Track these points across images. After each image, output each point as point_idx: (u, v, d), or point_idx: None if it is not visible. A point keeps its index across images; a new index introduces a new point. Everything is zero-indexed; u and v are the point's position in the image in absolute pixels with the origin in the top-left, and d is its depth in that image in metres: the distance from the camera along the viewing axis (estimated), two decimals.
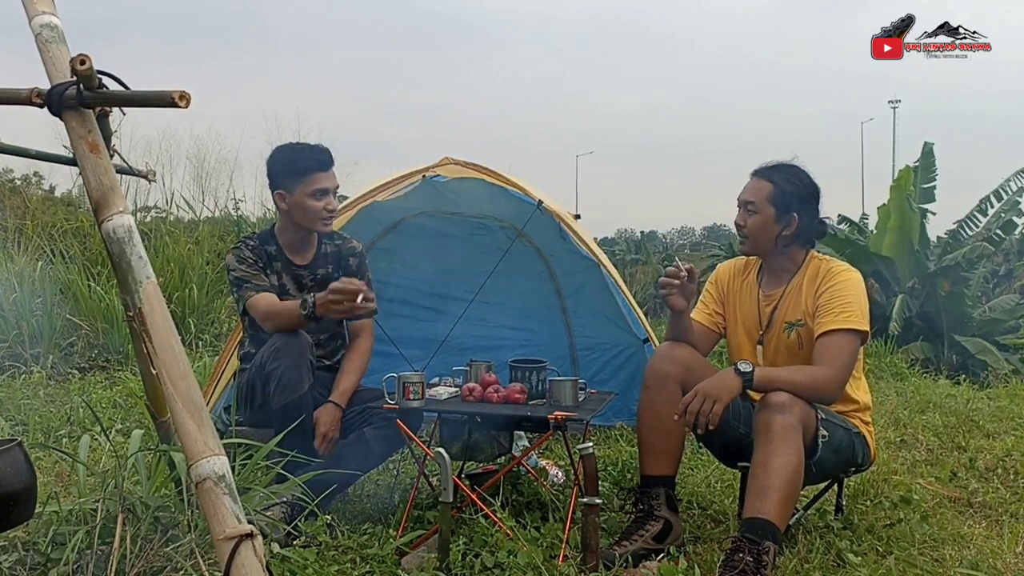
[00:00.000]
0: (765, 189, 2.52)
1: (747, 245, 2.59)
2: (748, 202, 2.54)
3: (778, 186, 2.52)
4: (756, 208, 2.52)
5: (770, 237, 2.53)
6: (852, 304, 2.39)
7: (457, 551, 2.17)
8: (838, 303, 2.40)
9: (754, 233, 2.54)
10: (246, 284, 2.71)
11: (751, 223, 2.53)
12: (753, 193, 2.54)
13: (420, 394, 2.53)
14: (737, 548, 2.06)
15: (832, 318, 2.38)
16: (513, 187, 3.60)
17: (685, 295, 2.49)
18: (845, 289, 2.42)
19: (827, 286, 2.45)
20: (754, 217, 2.52)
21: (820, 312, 2.43)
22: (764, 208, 2.51)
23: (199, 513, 1.97)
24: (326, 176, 2.76)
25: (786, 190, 2.51)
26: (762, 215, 2.51)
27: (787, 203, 2.50)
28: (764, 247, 2.56)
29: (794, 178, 2.54)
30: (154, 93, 1.56)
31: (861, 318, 2.38)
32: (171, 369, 1.48)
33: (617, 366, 4.19)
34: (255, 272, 2.75)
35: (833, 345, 2.35)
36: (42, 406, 4.32)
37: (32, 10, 1.64)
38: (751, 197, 2.54)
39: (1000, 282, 11.74)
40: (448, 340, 4.07)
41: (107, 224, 1.56)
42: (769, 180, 2.53)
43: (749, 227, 2.54)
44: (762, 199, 2.52)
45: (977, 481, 3.25)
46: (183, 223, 8.59)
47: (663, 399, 2.43)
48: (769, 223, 2.51)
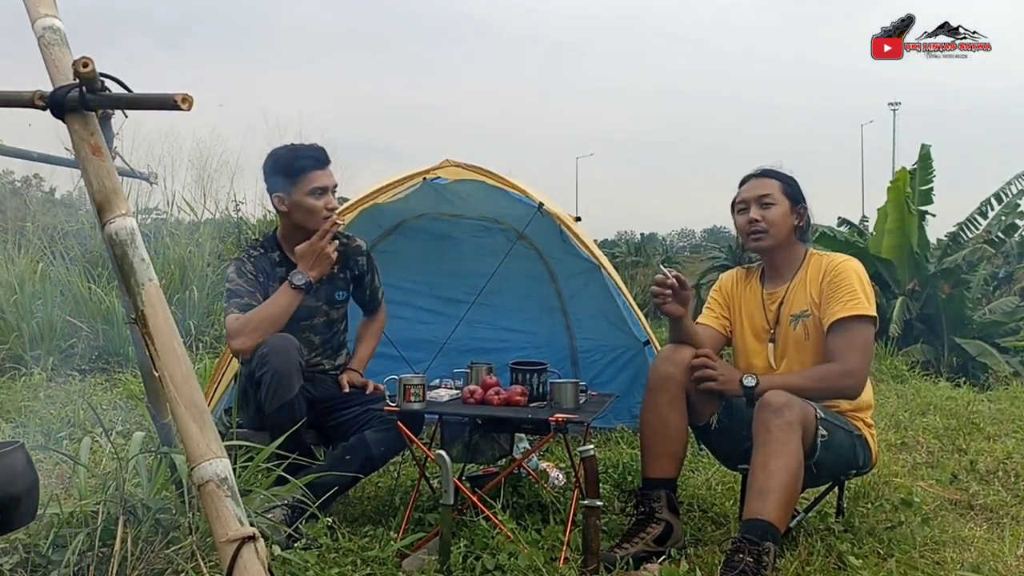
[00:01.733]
0: (775, 184, 2.59)
1: (766, 239, 2.56)
2: (764, 195, 2.56)
3: (784, 181, 2.60)
4: (774, 200, 2.56)
5: (788, 228, 2.57)
6: (858, 291, 2.42)
7: (458, 553, 2.17)
8: (844, 291, 2.43)
9: (775, 224, 2.55)
10: (235, 299, 2.69)
11: (770, 215, 2.55)
12: (766, 187, 2.58)
13: (421, 396, 2.53)
14: (737, 549, 2.06)
15: (841, 307, 2.41)
16: (514, 189, 3.60)
17: (681, 302, 2.49)
18: (848, 277, 2.45)
19: (830, 276, 2.48)
20: (773, 209, 2.55)
21: (826, 301, 2.45)
22: (781, 200, 2.56)
23: (200, 515, 1.97)
24: (323, 174, 2.75)
25: (792, 184, 2.60)
26: (780, 206, 2.56)
27: (797, 196, 2.58)
28: (782, 240, 2.58)
29: (790, 177, 2.63)
30: (156, 96, 1.56)
31: (868, 304, 2.41)
32: (173, 371, 1.48)
33: (618, 368, 4.20)
34: (251, 289, 2.71)
35: (847, 335, 2.37)
36: (43, 408, 4.32)
37: (35, 13, 1.64)
38: (767, 191, 2.57)
39: (1000, 284, 11.76)
40: (449, 342, 4.07)
41: (109, 226, 1.56)
42: (773, 177, 2.61)
43: (769, 219, 2.55)
44: (777, 192, 2.57)
45: (978, 483, 3.25)
46: (184, 225, 8.59)
47: (666, 401, 2.43)
48: (787, 213, 2.57)
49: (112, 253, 1.58)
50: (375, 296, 3.09)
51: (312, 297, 2.84)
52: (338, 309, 2.95)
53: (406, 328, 4.20)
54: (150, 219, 8.87)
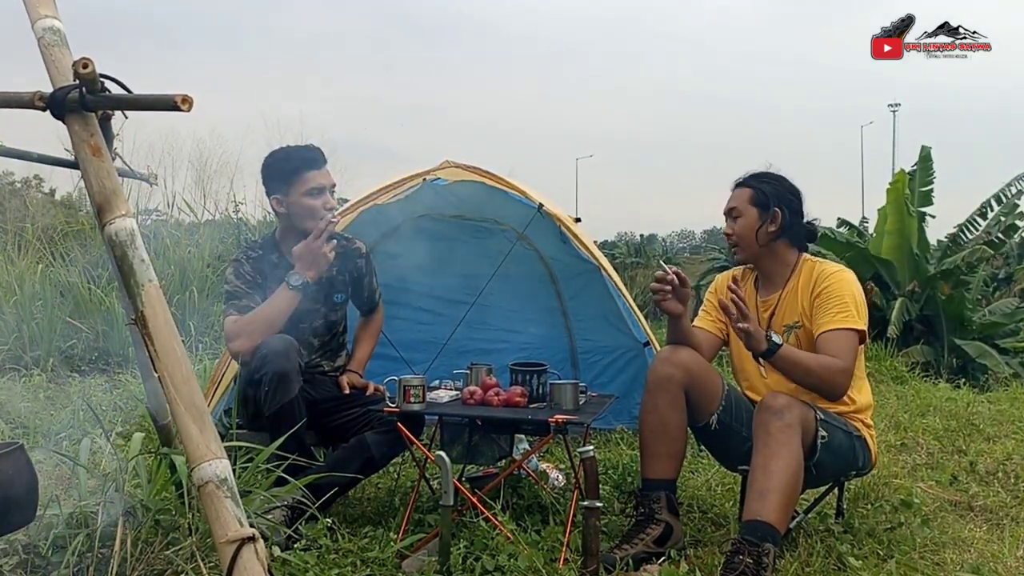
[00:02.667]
0: (745, 194, 2.61)
1: (739, 252, 2.63)
2: (732, 209, 2.62)
3: (756, 188, 2.60)
4: (739, 212, 2.59)
5: (762, 236, 2.57)
6: (848, 304, 2.41)
7: (458, 554, 2.17)
8: (835, 303, 2.42)
9: (742, 237, 2.59)
10: (233, 300, 2.70)
11: (737, 229, 2.60)
12: (735, 200, 2.62)
13: (421, 397, 2.53)
14: (737, 550, 2.07)
15: (830, 318, 2.41)
16: (514, 190, 3.60)
17: (680, 300, 2.50)
18: (840, 289, 2.45)
19: (822, 287, 2.48)
20: (739, 222, 2.59)
21: (817, 313, 2.45)
22: (747, 211, 2.58)
23: (200, 516, 1.98)
24: (320, 174, 2.75)
25: (764, 190, 2.59)
26: (746, 218, 2.58)
27: (767, 201, 2.57)
28: (754, 249, 2.60)
29: (771, 179, 2.63)
30: (157, 97, 1.56)
31: (858, 317, 2.41)
32: (173, 373, 1.49)
33: (618, 369, 4.20)
34: (249, 291, 2.72)
35: (834, 342, 2.37)
36: (42, 409, 4.31)
37: (35, 14, 1.64)
38: (733, 204, 2.62)
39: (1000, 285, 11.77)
40: (449, 343, 4.07)
41: (109, 227, 1.56)
42: (747, 186, 2.62)
43: (736, 233, 2.60)
44: (743, 203, 2.59)
45: (978, 485, 3.25)
46: (184, 226, 8.59)
47: (665, 402, 2.43)
48: (753, 223, 2.57)
49: (112, 254, 1.58)
50: (372, 298, 3.09)
51: (310, 299, 2.84)
52: (337, 311, 2.95)
53: (406, 329, 4.20)
54: (150, 220, 8.86)
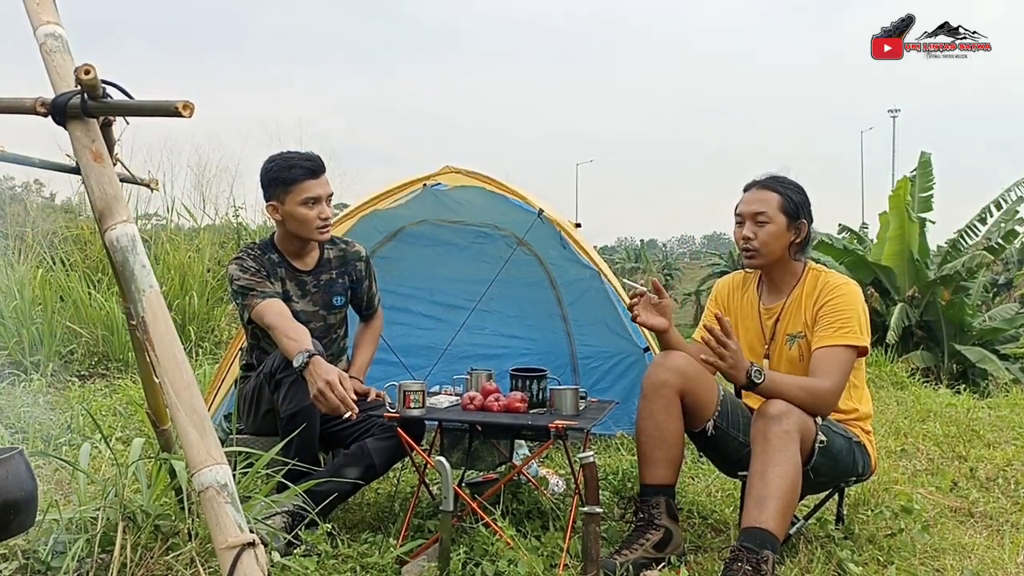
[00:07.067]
0: (774, 199, 2.49)
1: (756, 258, 2.52)
2: (759, 213, 2.48)
3: (784, 195, 2.50)
4: (769, 218, 2.48)
5: (782, 247, 2.51)
6: (851, 319, 2.39)
7: (457, 560, 2.17)
8: (838, 318, 2.40)
9: (767, 244, 2.49)
10: (251, 292, 2.66)
11: (763, 235, 2.48)
12: (763, 204, 2.49)
13: (421, 403, 2.53)
14: (736, 558, 2.06)
15: (831, 333, 2.39)
16: (514, 195, 3.61)
17: (661, 312, 2.49)
18: (844, 303, 2.42)
19: (826, 299, 2.45)
20: (766, 228, 2.48)
21: (820, 326, 2.43)
22: (776, 218, 2.48)
23: (200, 521, 1.98)
24: (317, 183, 2.73)
25: (793, 198, 2.50)
26: (775, 224, 2.48)
27: (796, 211, 2.49)
28: (776, 258, 2.52)
29: (796, 188, 2.54)
30: (158, 103, 1.56)
31: (860, 333, 2.39)
32: (174, 378, 1.49)
33: (618, 374, 4.20)
34: (259, 280, 2.71)
35: (830, 359, 2.36)
36: (42, 414, 4.31)
37: (36, 20, 1.65)
38: (762, 208, 2.49)
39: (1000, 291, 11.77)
40: (449, 348, 4.07)
41: (110, 233, 1.56)
42: (774, 190, 2.51)
43: (761, 239, 2.49)
44: (773, 209, 2.48)
45: (978, 491, 3.24)
46: (183, 231, 8.60)
47: (661, 407, 2.42)
48: (781, 233, 2.49)
49: (113, 259, 1.58)
50: (372, 302, 3.09)
51: (310, 303, 2.85)
52: (336, 314, 2.95)
53: (406, 334, 4.20)
54: (150, 224, 8.86)
